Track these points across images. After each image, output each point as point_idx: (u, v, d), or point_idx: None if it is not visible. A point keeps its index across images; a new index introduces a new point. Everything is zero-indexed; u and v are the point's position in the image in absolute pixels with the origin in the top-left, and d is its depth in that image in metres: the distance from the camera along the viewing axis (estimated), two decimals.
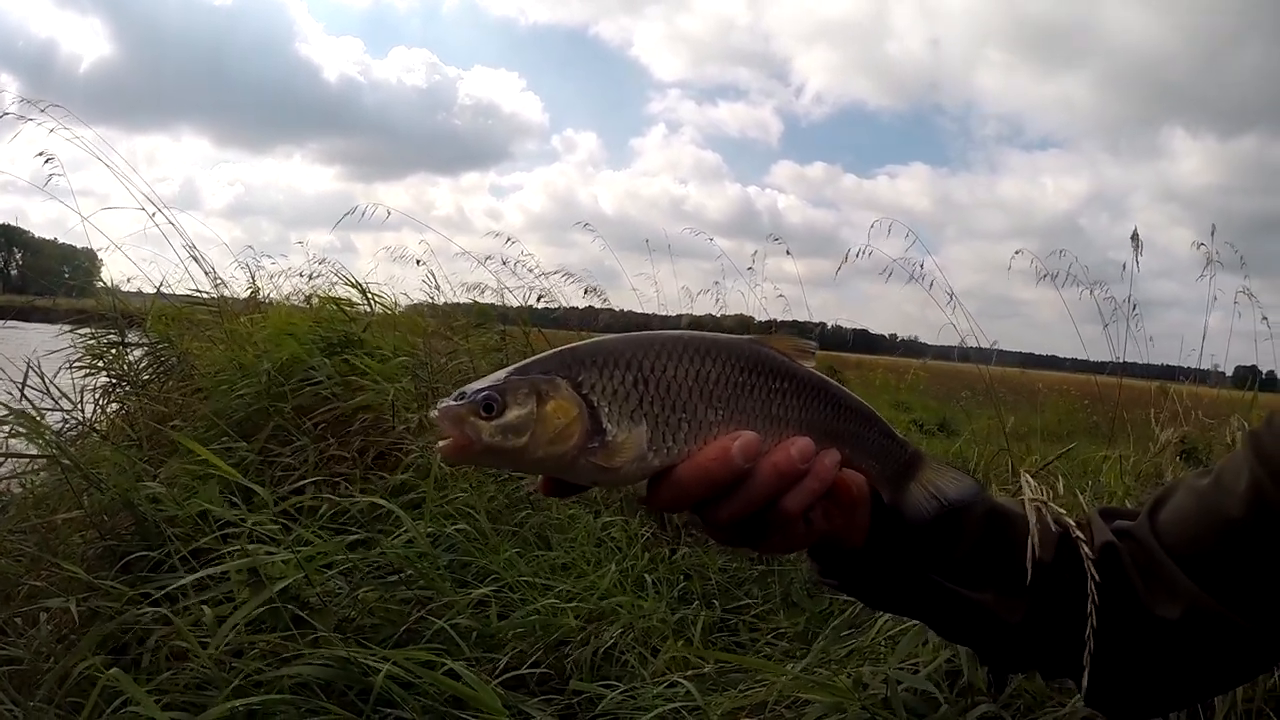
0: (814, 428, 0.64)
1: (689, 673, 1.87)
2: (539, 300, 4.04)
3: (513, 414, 0.58)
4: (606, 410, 0.59)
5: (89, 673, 1.36)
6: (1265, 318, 2.57)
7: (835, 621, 2.09)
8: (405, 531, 2.11)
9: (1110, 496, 2.25)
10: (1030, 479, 0.84)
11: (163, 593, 1.63)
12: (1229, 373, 2.88)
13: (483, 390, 0.59)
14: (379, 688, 1.54)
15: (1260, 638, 0.66)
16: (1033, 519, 0.73)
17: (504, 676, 1.83)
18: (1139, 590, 0.68)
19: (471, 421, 0.58)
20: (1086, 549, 0.69)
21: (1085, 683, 0.65)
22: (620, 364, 0.60)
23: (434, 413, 0.59)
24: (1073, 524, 0.73)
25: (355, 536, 2.02)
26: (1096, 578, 0.66)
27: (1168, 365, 2.86)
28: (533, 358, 0.63)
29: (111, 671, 1.26)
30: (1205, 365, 2.69)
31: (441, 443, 0.59)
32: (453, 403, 0.59)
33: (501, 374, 0.61)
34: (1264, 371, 2.44)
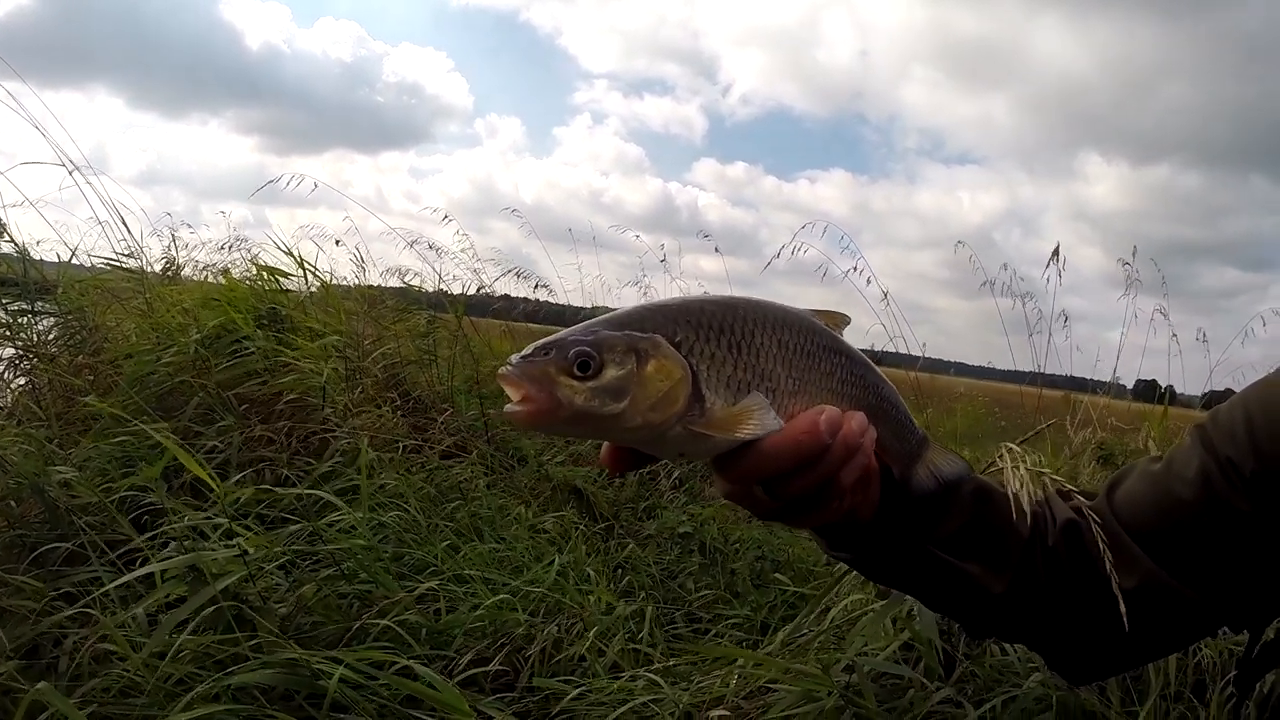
0: (861, 403, 0.64)
1: (653, 667, 1.85)
2: (479, 290, 3.91)
3: (610, 374, 0.50)
4: (705, 375, 0.53)
5: (4, 683, 1.17)
6: (1172, 335, 2.81)
7: (783, 612, 2.14)
8: (344, 517, 1.97)
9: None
10: (1014, 447, 0.90)
11: (81, 589, 1.44)
12: (1129, 385, 3.16)
13: (575, 345, 0.50)
14: (333, 692, 1.42)
15: (1205, 607, 0.73)
16: (1020, 475, 0.79)
17: (462, 675, 1.75)
18: (1098, 563, 0.74)
19: (563, 382, 0.49)
20: (1093, 516, 0.74)
21: (1125, 620, 0.69)
22: (714, 326, 0.55)
23: (506, 369, 0.50)
24: (1071, 489, 0.80)
25: (295, 527, 1.86)
26: (1105, 538, 0.72)
27: (1072, 376, 3.11)
28: (606, 315, 0.55)
29: (40, 686, 1.09)
30: (1109, 378, 2.94)
31: (515, 406, 0.49)
32: (535, 358, 0.50)
33: (591, 326, 0.53)
34: (1163, 386, 2.70)
